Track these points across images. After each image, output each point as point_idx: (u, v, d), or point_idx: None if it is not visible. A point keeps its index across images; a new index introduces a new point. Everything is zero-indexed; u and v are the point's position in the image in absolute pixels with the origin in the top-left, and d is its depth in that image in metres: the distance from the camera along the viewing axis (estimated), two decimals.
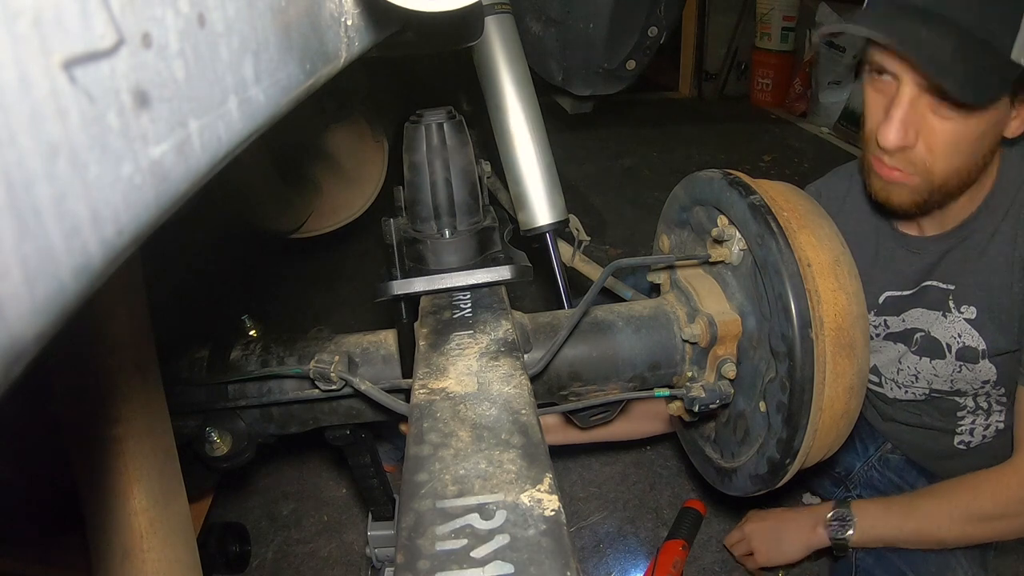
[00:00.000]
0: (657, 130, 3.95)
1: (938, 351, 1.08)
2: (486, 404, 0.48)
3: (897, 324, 1.13)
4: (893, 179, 0.94)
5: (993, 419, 1.12)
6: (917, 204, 0.95)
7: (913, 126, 0.88)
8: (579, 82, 1.41)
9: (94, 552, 0.55)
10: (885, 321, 1.14)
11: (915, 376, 1.14)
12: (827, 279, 0.65)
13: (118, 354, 0.53)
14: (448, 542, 0.36)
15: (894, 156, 0.92)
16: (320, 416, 0.74)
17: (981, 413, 1.12)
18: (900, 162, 0.92)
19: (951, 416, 1.15)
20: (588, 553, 1.43)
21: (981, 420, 1.13)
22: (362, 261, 2.41)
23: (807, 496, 1.53)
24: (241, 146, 0.28)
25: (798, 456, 0.67)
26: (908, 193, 0.94)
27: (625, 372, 0.74)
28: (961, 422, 1.14)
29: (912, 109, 0.87)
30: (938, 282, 1.06)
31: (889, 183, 0.95)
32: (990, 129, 0.89)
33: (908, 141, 0.88)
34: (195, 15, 0.24)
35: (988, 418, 1.13)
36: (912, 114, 0.87)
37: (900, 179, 0.93)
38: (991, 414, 1.12)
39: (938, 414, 1.16)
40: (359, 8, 0.42)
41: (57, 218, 0.18)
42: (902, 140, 0.88)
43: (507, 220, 0.94)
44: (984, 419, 1.13)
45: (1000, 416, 1.11)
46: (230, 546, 1.35)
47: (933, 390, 1.13)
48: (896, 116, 0.88)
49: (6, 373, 0.18)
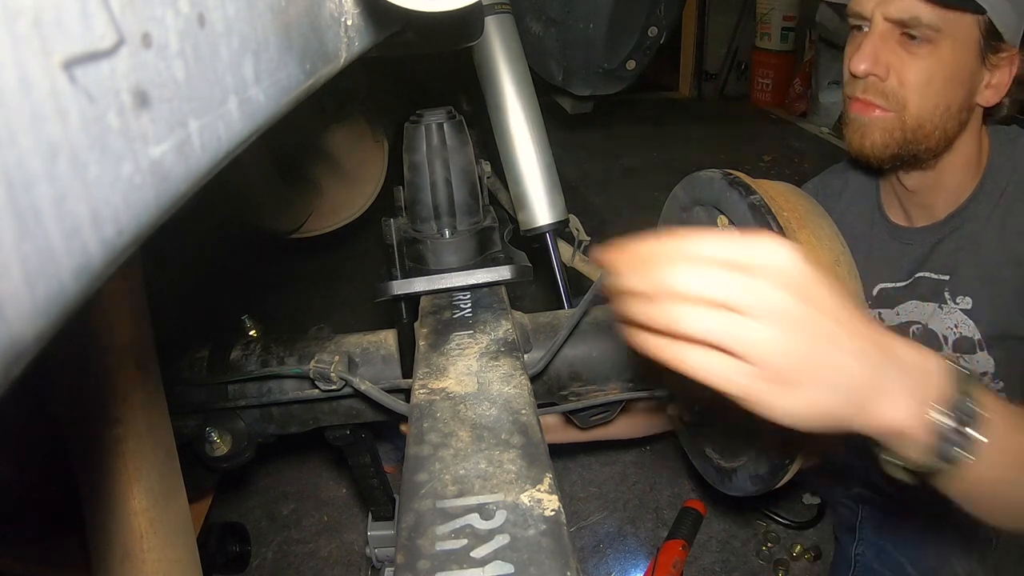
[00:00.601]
0: (657, 130, 3.95)
1: (935, 343, 1.08)
2: (486, 404, 0.48)
3: (892, 318, 1.13)
4: (868, 114, 0.96)
5: None
6: (892, 147, 0.96)
7: (883, 59, 0.92)
8: (579, 82, 1.41)
9: (94, 552, 0.55)
10: (880, 314, 1.14)
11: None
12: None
13: (118, 354, 0.53)
14: (448, 542, 0.36)
15: (868, 89, 0.95)
16: (320, 416, 0.74)
17: None
18: (874, 94, 0.95)
19: None
20: (588, 553, 1.43)
21: None
22: (362, 261, 2.41)
23: (807, 496, 1.53)
24: (241, 146, 0.28)
25: (798, 456, 0.67)
26: (882, 132, 0.95)
27: (625, 372, 0.74)
28: None
29: (882, 42, 0.92)
30: (931, 273, 1.06)
31: (864, 122, 0.97)
32: (961, 77, 0.91)
33: (878, 69, 0.93)
34: (195, 15, 0.24)
35: None
36: (883, 47, 0.92)
37: (874, 114, 0.95)
38: None
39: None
40: (359, 8, 0.42)
41: (57, 218, 0.18)
42: (872, 65, 0.92)
43: (507, 220, 0.94)
44: None
45: None
46: (230, 546, 1.35)
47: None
48: (866, 45, 0.92)
49: (6, 373, 0.18)
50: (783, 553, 1.42)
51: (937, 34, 0.88)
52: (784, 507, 1.51)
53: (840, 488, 1.34)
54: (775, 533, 1.46)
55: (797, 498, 1.53)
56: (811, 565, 1.40)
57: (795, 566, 1.40)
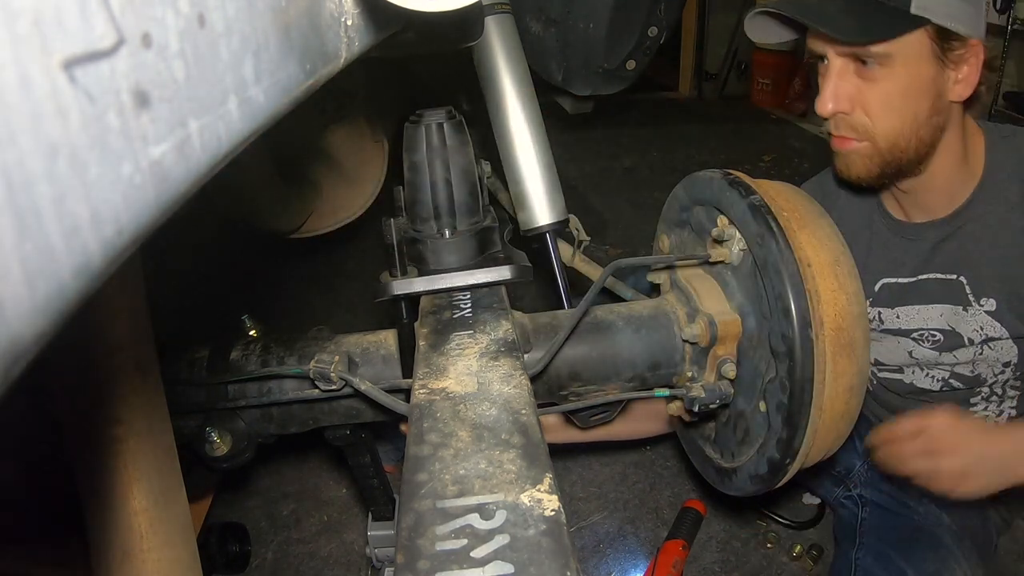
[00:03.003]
0: (657, 130, 3.95)
1: (959, 344, 1.09)
2: (486, 404, 0.48)
3: (891, 319, 1.13)
4: (846, 148, 1.00)
5: (1006, 405, 1.13)
6: (875, 171, 0.99)
7: (846, 95, 0.96)
8: (579, 82, 1.41)
9: (94, 552, 0.55)
10: (880, 314, 1.14)
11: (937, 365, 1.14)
12: (827, 279, 0.65)
13: (118, 354, 0.53)
14: (448, 542, 0.36)
15: (839, 125, 0.98)
16: (320, 416, 0.74)
17: (995, 400, 1.13)
18: (846, 129, 0.98)
19: (964, 405, 1.15)
20: (588, 553, 1.43)
21: (994, 407, 1.14)
22: (362, 261, 2.41)
23: (807, 496, 1.53)
24: (241, 146, 0.28)
25: (798, 456, 0.67)
26: (862, 160, 0.99)
27: (625, 372, 0.74)
28: (974, 408, 1.15)
29: (840, 78, 0.95)
30: (938, 273, 1.07)
31: (844, 155, 1.01)
32: (922, 87, 0.93)
33: (842, 106, 0.96)
34: (195, 15, 0.24)
35: (1001, 404, 1.13)
36: (843, 84, 0.95)
37: (851, 147, 0.99)
38: (1004, 400, 1.13)
39: (952, 403, 1.16)
40: (359, 8, 0.42)
41: (57, 218, 0.18)
42: (836, 105, 0.96)
43: (507, 220, 0.94)
44: (997, 406, 1.13)
45: (1013, 403, 1.12)
46: (230, 546, 1.35)
47: (954, 374, 1.13)
48: (826, 87, 0.96)
49: (6, 373, 0.18)
50: (783, 553, 1.42)
51: (889, 57, 0.90)
52: (784, 507, 1.51)
53: (841, 489, 1.34)
54: (775, 533, 1.46)
55: (797, 498, 1.53)
56: (811, 565, 1.40)
57: (795, 566, 1.40)
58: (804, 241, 0.66)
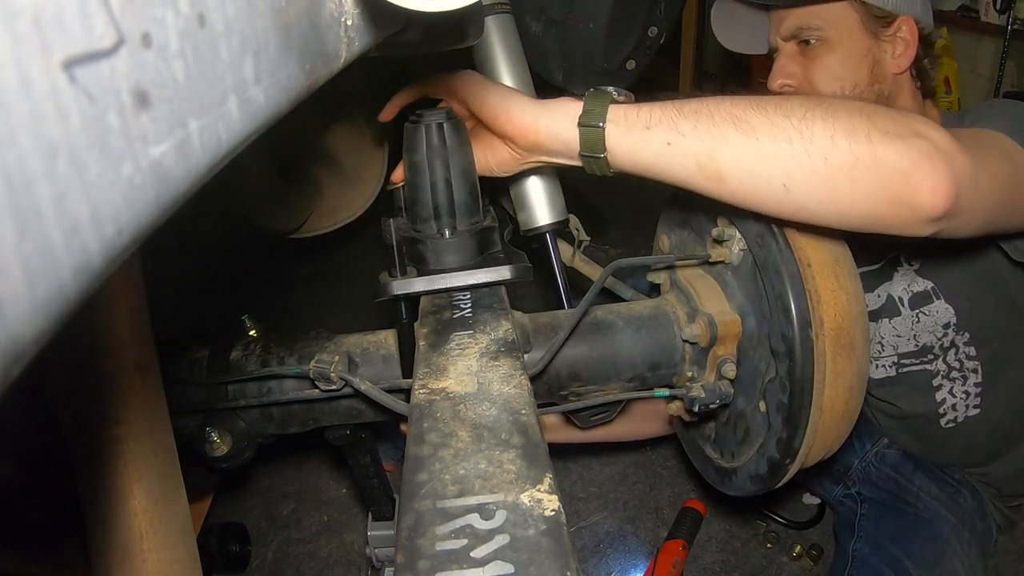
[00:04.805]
0: None
1: (894, 308, 1.12)
2: (486, 404, 0.48)
3: (873, 300, 1.15)
4: None
5: (971, 383, 1.13)
6: None
7: (791, 71, 1.08)
8: (579, 82, 1.41)
9: (94, 552, 0.55)
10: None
11: (880, 345, 1.16)
12: (827, 279, 0.65)
13: (118, 354, 0.53)
14: (448, 542, 0.36)
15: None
16: (320, 416, 0.74)
17: (957, 378, 1.13)
18: None
19: (929, 393, 1.14)
20: (588, 553, 1.44)
21: (959, 387, 1.13)
22: (362, 261, 2.41)
23: (807, 496, 1.53)
24: (241, 146, 0.28)
25: (798, 456, 0.67)
26: None
27: (625, 372, 0.74)
28: (939, 393, 1.14)
29: (788, 60, 1.08)
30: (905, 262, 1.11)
31: None
32: (858, 56, 1.04)
33: (791, 80, 1.08)
34: (195, 15, 0.24)
35: (965, 383, 1.13)
36: (789, 63, 1.08)
37: None
38: (967, 377, 1.12)
39: (916, 393, 1.16)
40: (359, 8, 0.42)
41: (57, 218, 0.18)
42: (784, 79, 1.08)
43: (507, 220, 0.94)
44: (962, 385, 1.13)
45: (977, 378, 1.12)
46: (230, 546, 1.35)
47: (900, 355, 1.15)
48: (776, 66, 1.10)
49: (6, 373, 0.18)
50: (783, 553, 1.42)
51: (823, 32, 1.03)
52: (784, 507, 1.51)
53: (840, 488, 1.34)
54: (775, 533, 1.46)
55: (797, 498, 1.53)
56: (811, 565, 1.40)
57: (795, 566, 1.40)
58: (804, 241, 0.66)
